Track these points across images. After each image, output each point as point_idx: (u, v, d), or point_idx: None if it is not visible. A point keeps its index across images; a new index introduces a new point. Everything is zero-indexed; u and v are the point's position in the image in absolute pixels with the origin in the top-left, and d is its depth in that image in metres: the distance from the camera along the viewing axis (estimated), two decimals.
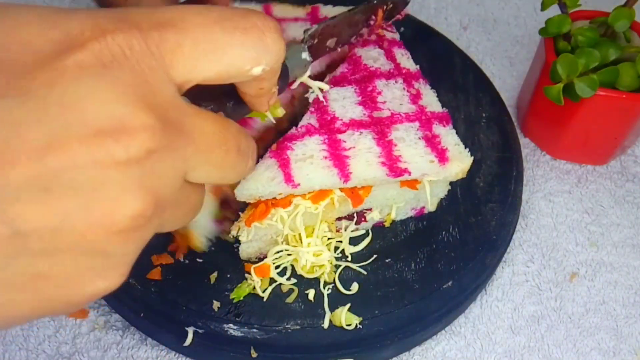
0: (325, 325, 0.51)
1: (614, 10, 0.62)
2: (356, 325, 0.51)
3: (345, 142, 0.52)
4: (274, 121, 0.48)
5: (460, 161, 0.52)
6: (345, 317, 0.51)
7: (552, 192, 0.68)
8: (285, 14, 0.65)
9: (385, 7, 0.59)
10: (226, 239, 0.56)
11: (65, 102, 0.24)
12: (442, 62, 0.72)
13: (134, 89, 0.26)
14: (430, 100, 0.57)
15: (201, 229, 0.54)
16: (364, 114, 0.55)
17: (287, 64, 0.42)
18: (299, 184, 0.49)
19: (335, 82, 0.57)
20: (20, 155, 0.23)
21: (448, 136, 0.54)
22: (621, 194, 0.69)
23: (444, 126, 0.55)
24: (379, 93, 0.56)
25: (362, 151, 0.52)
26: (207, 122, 0.30)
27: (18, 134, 0.23)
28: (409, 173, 0.51)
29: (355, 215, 0.56)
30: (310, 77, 0.48)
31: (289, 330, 0.51)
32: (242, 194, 0.49)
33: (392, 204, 0.56)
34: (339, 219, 0.56)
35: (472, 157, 0.53)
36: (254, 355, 0.51)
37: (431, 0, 0.88)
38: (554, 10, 0.63)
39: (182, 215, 0.31)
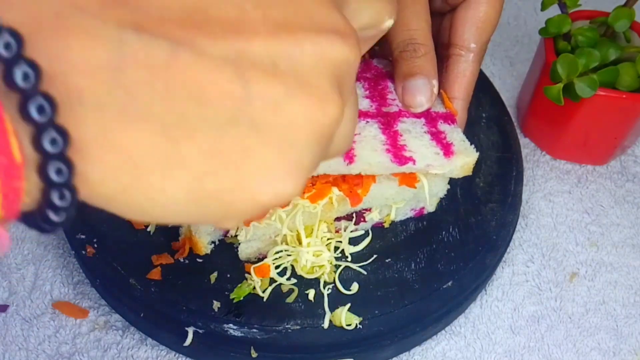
0: (325, 325, 0.51)
1: (614, 10, 0.62)
2: (356, 325, 0.51)
3: None
4: None
5: (465, 155, 0.52)
6: (345, 317, 0.51)
7: (552, 192, 0.68)
8: None
9: None
10: (232, 242, 0.56)
11: None
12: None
13: None
14: (436, 102, 0.57)
15: (206, 234, 0.54)
16: (371, 106, 0.54)
17: None
18: None
19: None
20: (261, 28, 0.25)
21: (453, 133, 0.54)
22: (621, 194, 0.69)
23: (449, 124, 0.55)
24: (390, 92, 0.56)
25: (368, 138, 0.52)
26: None
27: (260, 9, 0.25)
28: (414, 162, 0.51)
29: (354, 215, 0.56)
30: None
31: (289, 330, 0.51)
32: None
33: (391, 204, 0.56)
34: (338, 219, 0.56)
35: (478, 153, 0.53)
36: (254, 355, 0.51)
37: None
38: (554, 10, 0.63)
39: (349, 130, 0.32)
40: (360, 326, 0.52)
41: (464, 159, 0.52)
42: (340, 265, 0.55)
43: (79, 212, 0.26)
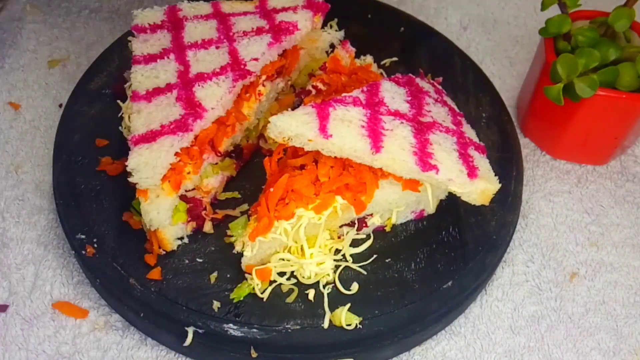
0: (325, 325, 0.51)
1: (614, 10, 0.62)
2: (356, 325, 0.51)
3: (385, 123, 0.53)
4: None
5: (488, 182, 0.52)
6: (345, 317, 0.51)
7: (552, 192, 0.68)
8: (235, 9, 0.64)
9: None
10: (229, 241, 0.56)
11: None
12: (442, 62, 0.72)
13: None
14: (470, 132, 0.57)
15: (170, 231, 0.54)
16: (410, 111, 0.55)
17: None
18: (331, 135, 0.50)
19: (390, 78, 0.58)
20: None
21: (481, 161, 0.54)
22: (621, 194, 0.69)
23: (480, 153, 0.55)
24: (427, 104, 0.57)
25: (399, 136, 0.52)
26: None
27: None
28: (437, 171, 0.51)
29: (356, 222, 0.56)
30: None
31: (289, 330, 0.51)
32: (274, 128, 0.50)
33: (393, 208, 0.56)
34: (340, 226, 0.56)
35: (501, 185, 0.53)
36: (254, 355, 0.51)
37: (431, 0, 0.88)
38: (554, 10, 0.63)
39: None
40: (360, 326, 0.52)
41: (486, 184, 0.52)
42: (340, 265, 0.55)
43: (79, 212, 0.26)
